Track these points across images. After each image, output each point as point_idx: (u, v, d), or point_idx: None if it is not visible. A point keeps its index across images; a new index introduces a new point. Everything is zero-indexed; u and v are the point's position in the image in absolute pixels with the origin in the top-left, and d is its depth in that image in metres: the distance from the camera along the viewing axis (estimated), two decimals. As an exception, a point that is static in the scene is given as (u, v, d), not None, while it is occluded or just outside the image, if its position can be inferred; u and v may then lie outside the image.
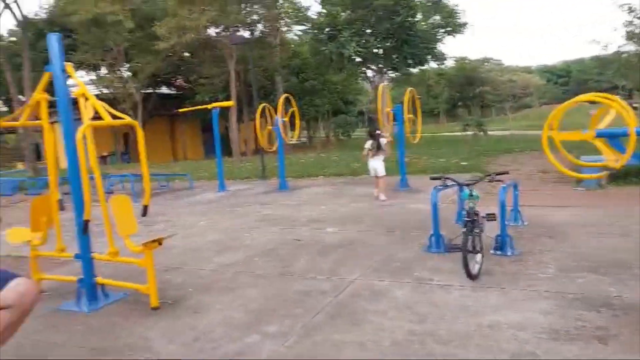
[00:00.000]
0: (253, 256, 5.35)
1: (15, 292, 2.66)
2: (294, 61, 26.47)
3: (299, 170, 13.85)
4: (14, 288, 2.67)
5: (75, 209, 4.34)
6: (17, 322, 2.72)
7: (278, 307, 3.79)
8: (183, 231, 6.86)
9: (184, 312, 3.87)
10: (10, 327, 2.71)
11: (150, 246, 4.03)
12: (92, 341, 3.49)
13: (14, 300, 2.65)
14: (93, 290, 4.31)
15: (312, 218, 7.22)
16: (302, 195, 9.69)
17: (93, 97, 4.30)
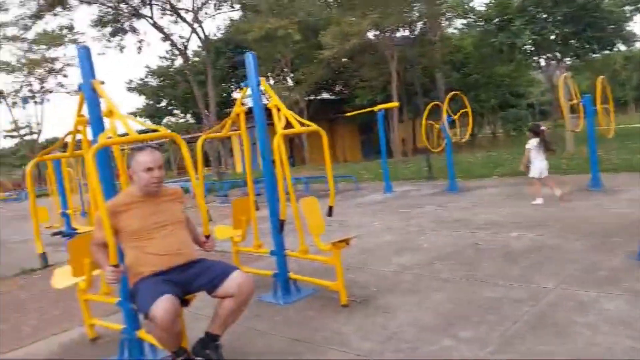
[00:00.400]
0: (433, 259, 5.29)
1: (236, 283, 2.99)
2: (455, 56, 25.66)
3: (467, 170, 13.37)
4: (235, 279, 3.01)
5: (270, 209, 4.75)
6: (238, 310, 3.06)
7: (469, 313, 3.69)
8: (357, 232, 7.07)
9: (373, 311, 3.98)
10: (232, 314, 3.06)
11: (338, 245, 4.22)
12: (291, 332, 3.76)
13: (235, 290, 2.99)
14: (287, 285, 4.66)
15: (490, 221, 6.91)
16: (474, 197, 9.33)
17: (284, 107, 4.66)
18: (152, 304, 2.69)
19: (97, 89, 3.38)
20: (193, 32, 22.93)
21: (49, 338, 4.31)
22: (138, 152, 3.03)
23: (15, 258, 8.37)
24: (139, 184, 3.06)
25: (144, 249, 3.00)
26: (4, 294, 6.11)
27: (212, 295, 3.05)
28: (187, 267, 3.08)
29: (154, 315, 2.68)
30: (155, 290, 2.78)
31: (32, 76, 33.83)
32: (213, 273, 3.05)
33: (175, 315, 2.73)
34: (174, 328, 2.76)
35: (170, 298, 2.73)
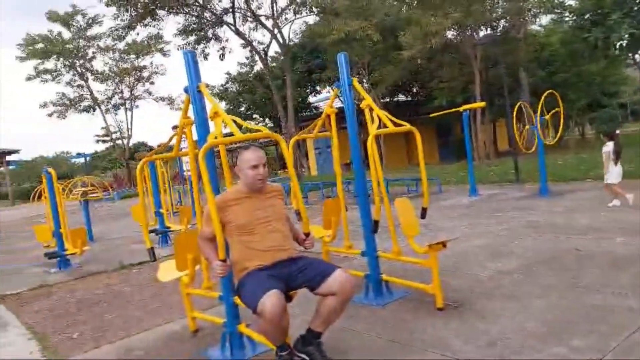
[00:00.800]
0: (530, 264, 5.05)
1: (339, 281, 3.01)
2: (541, 54, 24.44)
3: (557, 173, 12.66)
4: (338, 278, 3.03)
5: (361, 210, 4.74)
6: (340, 309, 3.08)
7: (577, 321, 3.48)
8: (447, 235, 6.89)
9: (471, 316, 3.86)
10: (334, 313, 3.08)
11: (435, 247, 4.14)
12: (387, 333, 3.73)
13: (337, 289, 3.01)
14: (379, 286, 4.63)
15: (589, 226, 6.50)
16: (568, 201, 8.82)
17: (377, 107, 4.64)
18: (260, 298, 2.77)
19: (203, 92, 3.53)
20: (273, 38, 23.50)
21: (153, 329, 4.55)
22: (244, 150, 3.16)
23: (114, 254, 8.96)
24: (244, 181, 3.18)
25: (249, 243, 3.10)
26: (109, 286, 6.55)
27: (314, 292, 3.09)
28: (290, 263, 3.14)
29: (262, 309, 2.75)
30: (262, 285, 2.85)
31: (123, 84, 36.19)
32: (315, 270, 3.09)
33: (283, 310, 2.79)
34: (281, 323, 2.82)
35: (277, 293, 2.79)
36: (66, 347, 4.30)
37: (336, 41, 20.19)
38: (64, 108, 35.72)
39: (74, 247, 7.82)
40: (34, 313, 5.59)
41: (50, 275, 7.66)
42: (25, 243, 12.25)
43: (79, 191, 13.16)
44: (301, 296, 3.30)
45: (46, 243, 9.12)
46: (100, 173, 52.61)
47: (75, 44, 33.83)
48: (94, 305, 5.66)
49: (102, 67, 35.61)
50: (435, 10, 18.01)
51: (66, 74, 35.04)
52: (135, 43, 32.81)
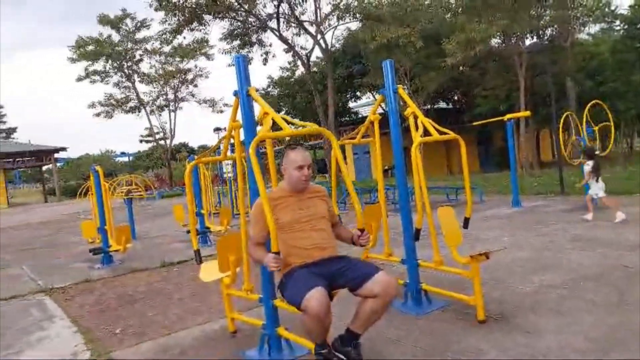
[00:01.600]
0: (577, 280, 4.89)
1: (381, 284, 2.99)
2: (589, 63, 23.69)
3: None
4: (381, 280, 3.01)
5: (403, 217, 4.70)
6: (380, 311, 3.06)
7: (626, 340, 3.34)
8: (488, 246, 6.76)
9: (513, 329, 3.76)
10: (374, 315, 3.06)
11: (478, 258, 4.06)
12: (425, 343, 3.67)
13: (379, 291, 2.98)
14: (418, 295, 4.57)
15: (639, 243, 6.24)
16: (617, 215, 8.48)
17: (422, 114, 4.60)
18: (305, 295, 2.79)
19: (253, 95, 3.59)
20: (316, 44, 23.63)
21: (192, 327, 4.64)
22: (290, 150, 3.22)
23: (156, 252, 9.18)
24: (288, 180, 3.25)
25: (291, 241, 3.14)
26: (150, 284, 6.71)
27: (354, 293, 3.08)
28: (332, 262, 3.16)
29: (307, 305, 2.76)
30: (307, 282, 2.87)
31: (168, 86, 37.12)
32: (358, 271, 3.09)
33: (327, 307, 2.80)
34: (324, 320, 2.83)
35: (322, 290, 2.81)
36: (109, 342, 4.43)
37: (378, 47, 20.13)
38: (110, 108, 36.93)
39: (118, 244, 8.05)
40: (78, 307, 5.78)
41: (94, 271, 7.91)
42: (71, 238, 12.71)
43: (123, 189, 13.56)
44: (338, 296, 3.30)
45: (91, 239, 9.43)
46: (143, 172, 54.12)
47: (123, 46, 34.98)
48: (135, 302, 5.81)
49: (149, 70, 36.67)
50: (481, 17, 17.72)
51: (114, 75, 36.27)
52: (181, 46, 33.64)
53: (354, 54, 27.61)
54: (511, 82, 22.25)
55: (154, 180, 37.57)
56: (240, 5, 22.28)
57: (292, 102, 32.07)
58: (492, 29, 17.46)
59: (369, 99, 33.54)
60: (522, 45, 20.15)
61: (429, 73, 23.44)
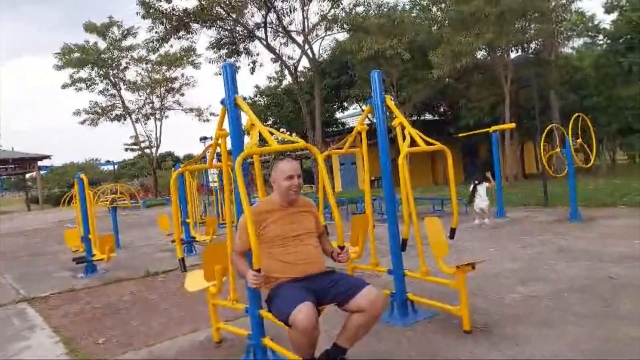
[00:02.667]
0: (562, 291, 4.92)
1: (368, 298, 2.97)
2: (573, 77, 24.11)
3: (588, 198, 12.39)
4: (368, 294, 2.99)
5: (390, 228, 4.70)
6: (367, 325, 3.04)
7: (615, 352, 3.37)
8: (474, 256, 6.79)
9: (500, 341, 3.77)
10: (362, 329, 3.04)
11: (464, 269, 4.07)
12: (412, 354, 3.66)
13: (367, 305, 2.97)
14: (404, 306, 4.56)
15: (624, 254, 6.31)
16: (601, 227, 8.60)
17: (409, 125, 4.63)
18: (292, 309, 2.75)
19: (240, 104, 3.57)
20: (304, 54, 23.73)
21: (177, 337, 4.57)
22: (280, 161, 3.23)
23: (140, 261, 9.06)
24: (278, 191, 3.23)
25: (280, 256, 3.11)
26: (135, 293, 6.61)
27: (342, 308, 3.07)
28: (321, 277, 3.14)
29: (294, 320, 2.73)
30: (295, 296, 2.85)
31: (154, 94, 36.94)
32: (345, 286, 3.07)
33: (315, 322, 2.77)
34: (312, 335, 2.80)
35: (311, 305, 2.78)
36: (92, 352, 4.35)
37: (365, 58, 20.29)
38: (96, 116, 36.60)
39: (101, 253, 7.93)
40: (61, 317, 5.67)
41: (78, 280, 7.78)
42: (54, 247, 12.51)
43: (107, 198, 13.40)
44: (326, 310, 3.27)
45: (75, 248, 9.28)
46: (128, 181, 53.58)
47: (109, 54, 34.76)
48: (119, 311, 5.72)
49: (135, 78, 36.48)
50: (467, 30, 17.96)
51: (100, 82, 36.00)
52: (168, 55, 33.55)
53: (342, 65, 27.77)
54: (496, 95, 22.53)
55: (139, 189, 37.22)
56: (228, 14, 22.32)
57: (279, 112, 32.06)
58: (477, 42, 17.69)
59: (356, 109, 33.70)
60: (507, 58, 20.44)
61: (415, 84, 23.66)
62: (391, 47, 19.13)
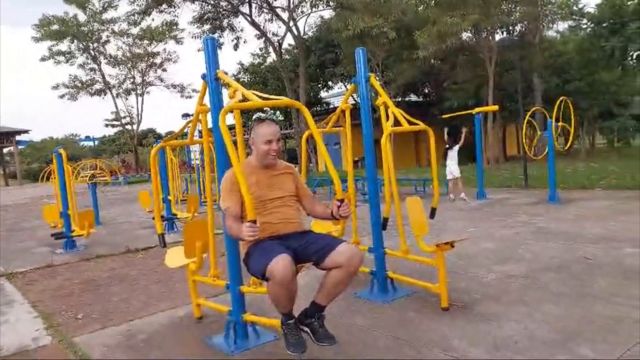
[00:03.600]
0: (539, 270, 5.02)
1: (345, 254, 2.97)
2: (556, 60, 24.24)
3: (566, 180, 12.60)
4: (345, 250, 2.99)
5: (371, 207, 4.73)
6: (344, 281, 3.02)
7: (585, 330, 3.45)
8: (453, 236, 6.87)
9: (476, 318, 3.84)
10: (339, 285, 3.03)
11: (443, 247, 4.12)
12: (390, 330, 3.71)
13: (344, 261, 2.95)
14: (384, 283, 4.62)
15: (600, 235, 6.45)
16: (578, 209, 8.76)
17: (393, 105, 4.62)
18: (270, 261, 2.75)
19: (222, 78, 3.52)
20: (288, 31, 23.43)
21: (157, 313, 4.57)
22: (259, 123, 3.16)
23: (121, 238, 9.01)
24: (257, 154, 3.21)
25: (259, 217, 3.07)
26: (114, 269, 6.58)
27: (319, 267, 3.02)
28: (297, 236, 3.16)
29: (272, 271, 2.73)
30: (273, 250, 2.85)
31: (135, 69, 36.26)
32: (322, 243, 3.05)
33: (292, 273, 2.76)
34: (290, 286, 2.79)
35: (287, 257, 2.77)
36: (71, 327, 4.33)
37: (351, 37, 20.10)
38: (75, 90, 35.87)
39: (81, 229, 7.86)
40: (39, 292, 5.63)
41: (57, 256, 7.71)
42: (33, 222, 12.34)
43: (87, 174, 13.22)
44: (306, 276, 3.28)
45: (53, 223, 9.18)
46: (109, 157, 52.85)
47: (89, 27, 33.93)
48: (99, 287, 5.69)
49: (116, 52, 35.72)
50: (453, 10, 17.87)
51: (80, 56, 35.20)
52: (150, 29, 32.87)
53: (327, 43, 27.52)
54: (480, 77, 22.58)
55: (120, 165, 36.77)
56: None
57: (263, 90, 31.73)
58: (463, 23, 17.63)
59: (341, 89, 33.52)
60: (492, 40, 20.44)
61: (401, 65, 23.56)
62: (377, 26, 18.95)
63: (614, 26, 16.17)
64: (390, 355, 3.29)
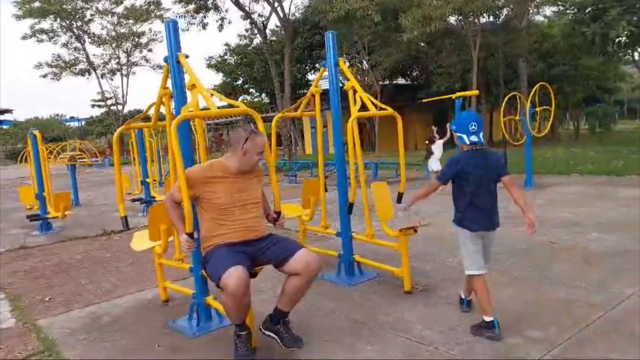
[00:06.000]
0: (503, 255, 5.10)
1: (303, 261, 3.03)
2: (542, 45, 24.26)
3: (545, 166, 12.73)
4: (303, 258, 3.05)
5: (339, 191, 4.76)
6: (303, 288, 3.10)
7: (539, 313, 3.55)
8: (420, 220, 6.94)
9: (437, 301, 3.93)
10: (299, 292, 3.11)
11: (406, 232, 4.19)
12: (354, 313, 3.79)
13: (301, 268, 3.03)
14: (351, 267, 4.69)
15: (568, 220, 6.57)
16: (552, 194, 8.89)
17: (361, 89, 4.63)
18: (223, 272, 2.79)
19: (182, 62, 3.50)
20: (273, 11, 23.17)
21: (125, 296, 4.60)
22: (255, 135, 3.08)
23: (98, 220, 8.98)
24: (243, 161, 3.12)
25: (222, 221, 3.09)
26: (88, 252, 6.58)
27: (278, 269, 3.12)
28: (257, 241, 3.16)
29: (225, 283, 2.77)
30: (227, 260, 2.87)
31: (120, 49, 35.67)
32: (281, 248, 3.11)
33: (246, 286, 2.81)
34: (242, 299, 2.83)
35: (242, 269, 2.81)
36: (37, 309, 4.35)
37: (336, 19, 19.93)
38: (58, 70, 35.23)
39: (56, 211, 7.83)
40: (10, 274, 5.63)
41: (31, 238, 7.68)
42: (11, 204, 12.25)
43: (66, 155, 13.10)
44: (270, 272, 3.32)
45: (29, 205, 9.12)
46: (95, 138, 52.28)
47: (72, 4, 33.20)
48: (70, 269, 5.71)
49: (100, 31, 35.07)
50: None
51: (63, 35, 34.48)
52: (135, 8, 32.28)
53: (314, 25, 27.25)
54: (466, 62, 22.56)
55: (107, 147, 36.40)
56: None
57: (249, 72, 31.47)
58: (447, 7, 17.54)
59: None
60: (478, 24, 20.37)
61: (387, 48, 23.44)
62: (361, 8, 18.80)
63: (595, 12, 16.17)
64: (346, 337, 3.36)
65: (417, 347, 3.15)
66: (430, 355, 3.03)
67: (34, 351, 3.47)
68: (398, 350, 3.13)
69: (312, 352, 3.16)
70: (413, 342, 3.21)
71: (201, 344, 3.44)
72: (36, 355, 3.40)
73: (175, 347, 3.43)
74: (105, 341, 3.59)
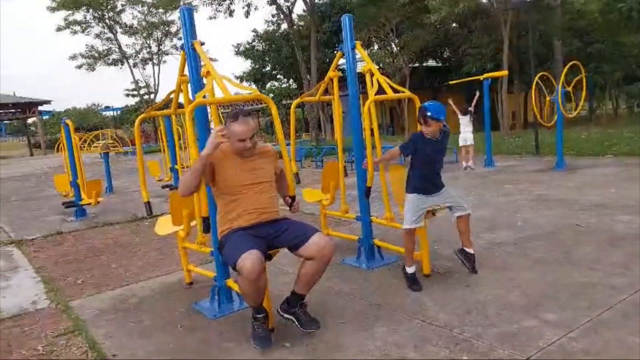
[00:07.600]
0: (527, 238, 5.04)
1: (317, 246, 3.07)
2: (578, 23, 23.39)
3: (579, 147, 12.39)
4: (317, 242, 3.09)
5: (358, 175, 4.78)
6: (319, 271, 3.15)
7: (559, 296, 3.50)
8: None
9: (455, 283, 3.92)
10: (314, 275, 3.15)
11: (425, 216, 4.17)
12: (371, 296, 3.83)
13: (316, 253, 3.07)
14: (371, 250, 4.71)
15: (597, 202, 6.41)
16: (583, 176, 8.67)
17: (378, 72, 4.60)
18: (239, 256, 2.86)
19: (197, 50, 3.56)
20: (300, -4, 23.04)
21: (152, 279, 4.76)
22: (233, 121, 3.07)
23: (130, 206, 9.24)
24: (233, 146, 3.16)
25: (234, 202, 3.16)
26: (119, 237, 6.80)
27: (293, 253, 3.17)
28: (272, 224, 3.21)
29: (241, 267, 2.84)
30: (243, 244, 2.94)
31: (151, 38, 36.18)
32: (295, 232, 3.15)
33: (261, 269, 2.87)
34: (258, 282, 2.90)
35: (257, 253, 2.87)
36: (70, 291, 4.55)
37: (364, 1, 19.72)
38: (92, 60, 36.03)
39: (89, 198, 8.10)
40: (45, 259, 5.88)
41: (67, 224, 7.98)
42: (48, 192, 12.71)
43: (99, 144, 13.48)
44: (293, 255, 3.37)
45: (64, 192, 9.46)
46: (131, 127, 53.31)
47: (104, -6, 33.77)
48: (101, 254, 5.92)
49: (131, 21, 35.63)
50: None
51: (95, 26, 35.19)
52: (163, -4, 32.61)
53: (341, 8, 27.00)
54: (498, 42, 22.00)
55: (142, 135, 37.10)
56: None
57: (277, 58, 31.49)
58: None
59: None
60: (508, 3, 19.80)
61: (415, 29, 23.06)
62: (390, -11, 18.53)
63: (631, -15, 15.45)
64: (362, 319, 3.40)
65: (431, 329, 3.17)
66: (444, 337, 3.04)
67: (65, 331, 3.64)
68: (412, 331, 3.15)
69: (329, 333, 3.22)
70: (426, 324, 3.23)
71: (220, 325, 3.54)
72: (66, 334, 3.57)
73: (196, 327, 3.54)
74: (131, 322, 3.74)
